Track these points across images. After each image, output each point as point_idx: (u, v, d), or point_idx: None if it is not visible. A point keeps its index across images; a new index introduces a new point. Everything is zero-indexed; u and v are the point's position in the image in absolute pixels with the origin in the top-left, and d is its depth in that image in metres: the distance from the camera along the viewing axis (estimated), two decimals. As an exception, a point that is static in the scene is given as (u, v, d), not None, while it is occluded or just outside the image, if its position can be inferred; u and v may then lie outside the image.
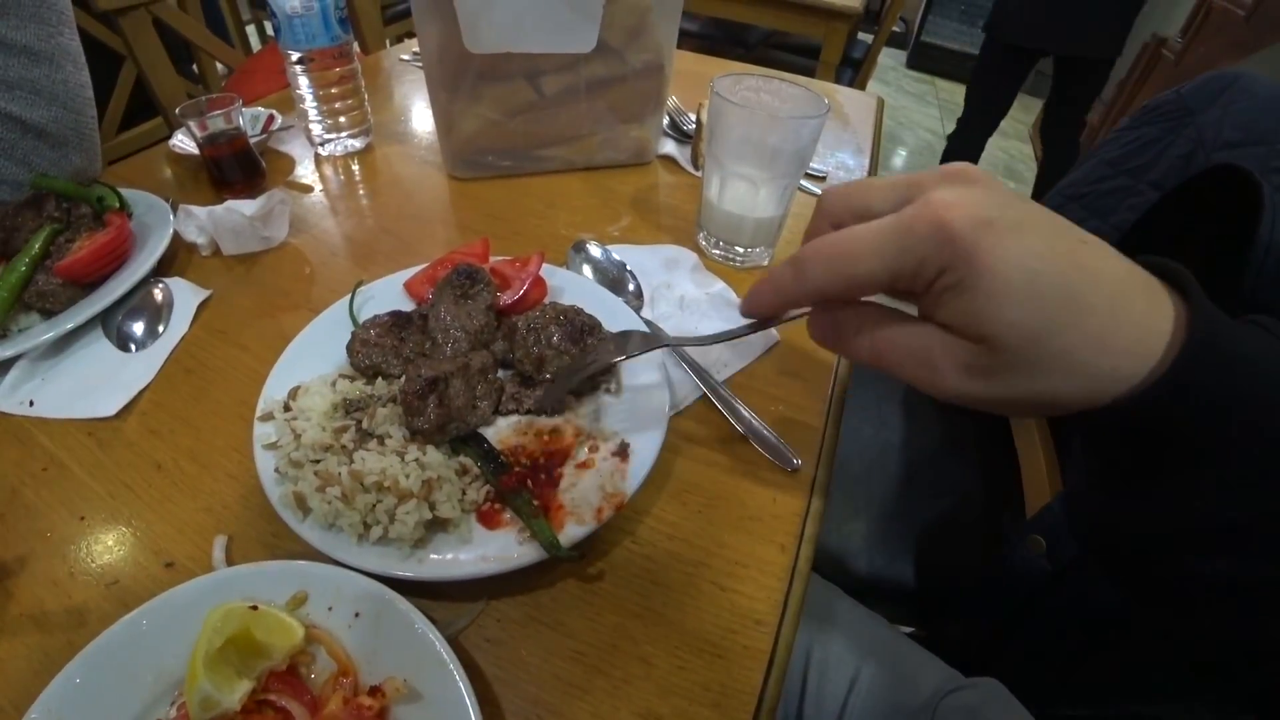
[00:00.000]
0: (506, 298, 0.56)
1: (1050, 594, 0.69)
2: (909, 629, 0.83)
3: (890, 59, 4.70)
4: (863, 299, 0.34)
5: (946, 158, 2.64)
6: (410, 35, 1.75)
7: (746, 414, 0.53)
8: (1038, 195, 2.55)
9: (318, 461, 0.43)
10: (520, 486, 0.44)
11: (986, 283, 0.27)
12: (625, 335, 0.50)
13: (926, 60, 4.55)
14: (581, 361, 0.49)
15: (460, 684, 0.34)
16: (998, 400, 0.30)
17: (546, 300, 0.58)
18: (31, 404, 0.53)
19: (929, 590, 0.82)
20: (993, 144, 2.70)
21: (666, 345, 0.47)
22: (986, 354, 0.28)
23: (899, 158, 3.53)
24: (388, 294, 0.59)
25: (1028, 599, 0.72)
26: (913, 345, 0.31)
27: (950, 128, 2.62)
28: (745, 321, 0.39)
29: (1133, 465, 0.33)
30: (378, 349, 0.51)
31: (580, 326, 0.51)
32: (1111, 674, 0.68)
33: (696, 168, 0.87)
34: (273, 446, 0.45)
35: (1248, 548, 0.30)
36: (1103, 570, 0.64)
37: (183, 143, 0.83)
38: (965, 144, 2.56)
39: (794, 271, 0.33)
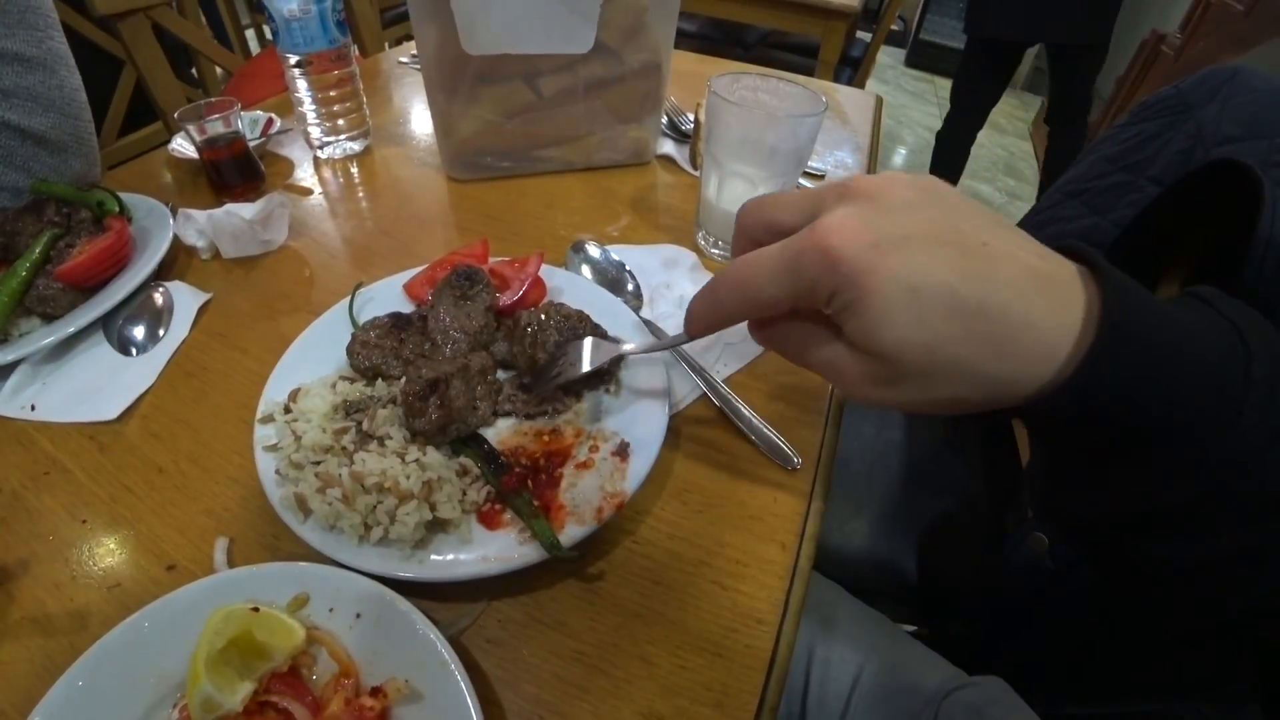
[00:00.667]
0: (506, 298, 0.56)
1: (1053, 592, 0.69)
2: (911, 628, 0.82)
3: (889, 57, 4.69)
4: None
5: (936, 156, 2.65)
6: (408, 38, 1.75)
7: (747, 413, 0.53)
8: (1045, 185, 2.57)
9: (318, 463, 0.43)
10: (520, 487, 0.44)
11: (871, 303, 0.28)
12: (582, 345, 0.50)
13: (925, 58, 4.55)
14: (548, 373, 0.49)
15: (462, 684, 0.34)
16: (908, 405, 0.31)
17: (545, 301, 0.58)
18: (33, 408, 0.53)
19: (931, 588, 0.82)
20: (993, 142, 2.70)
21: (623, 355, 0.49)
22: (885, 366, 0.29)
23: (899, 156, 3.53)
24: (387, 296, 0.59)
25: (1030, 597, 0.71)
26: (824, 358, 0.33)
27: (949, 125, 2.62)
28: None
29: (1066, 453, 0.33)
30: (378, 350, 0.51)
31: (573, 330, 0.50)
32: (1115, 672, 0.67)
33: (695, 167, 0.87)
34: (273, 448, 0.45)
35: (1191, 529, 0.30)
36: (1071, 551, 0.64)
37: (182, 147, 0.83)
38: (954, 141, 2.56)
39: (710, 297, 0.35)
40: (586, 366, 0.48)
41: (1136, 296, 0.28)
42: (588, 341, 0.50)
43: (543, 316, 0.51)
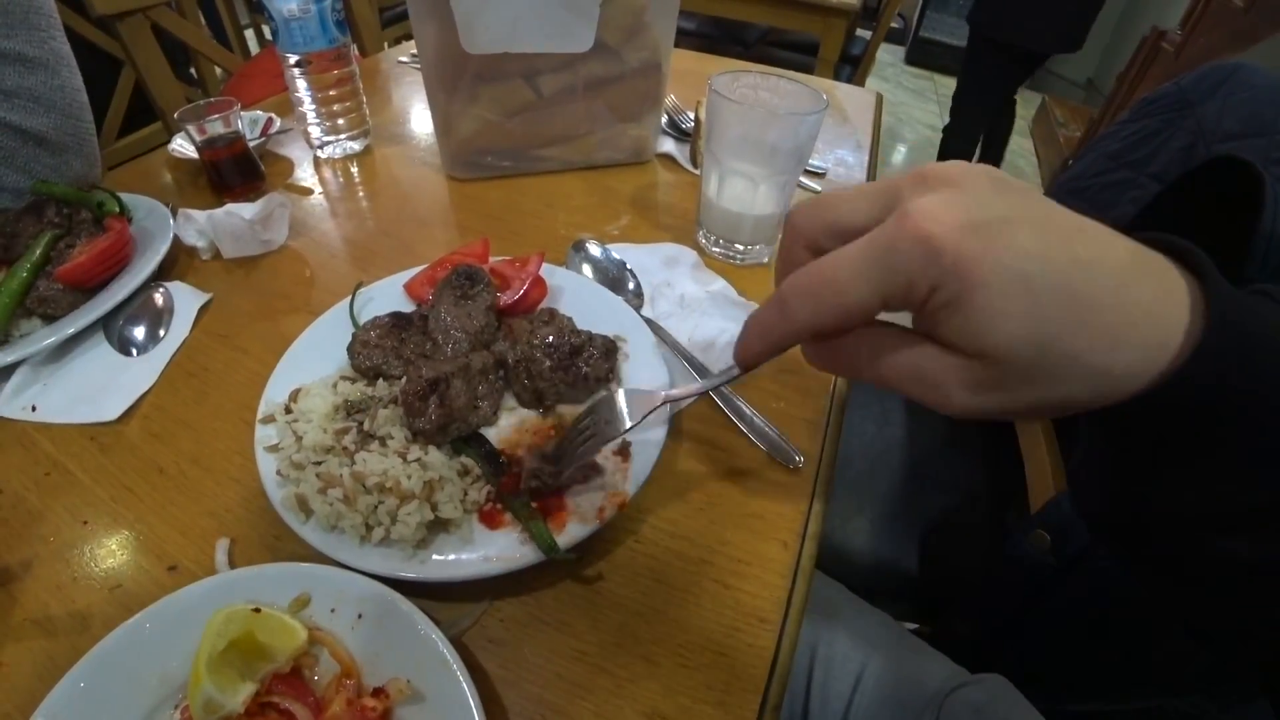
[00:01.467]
0: (506, 298, 0.56)
1: (1055, 590, 0.69)
2: (913, 626, 0.82)
3: (889, 55, 4.68)
4: None
5: (944, 150, 2.67)
6: (408, 37, 1.75)
7: (748, 411, 0.53)
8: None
9: (319, 463, 0.43)
10: (518, 488, 0.44)
11: (981, 297, 0.25)
12: (615, 400, 0.43)
13: (925, 56, 4.54)
14: (576, 440, 0.43)
15: (464, 684, 0.34)
16: (1009, 411, 0.28)
17: (545, 301, 0.58)
18: (34, 409, 0.53)
19: (933, 587, 0.82)
20: (993, 138, 2.72)
21: (663, 404, 0.42)
22: (991, 368, 0.26)
23: (898, 154, 3.52)
24: (388, 295, 0.59)
25: (1032, 595, 0.71)
26: (914, 367, 0.29)
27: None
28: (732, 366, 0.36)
29: (1148, 453, 0.31)
30: (378, 350, 0.51)
31: (569, 350, 0.49)
32: (1117, 670, 0.67)
33: (695, 166, 0.86)
34: (274, 449, 0.45)
35: (1269, 527, 0.28)
36: (1107, 551, 0.63)
37: (182, 147, 0.83)
38: (960, 137, 2.60)
39: (779, 312, 0.30)
40: (627, 425, 0.41)
41: (1231, 288, 0.26)
42: (621, 395, 0.43)
43: (531, 343, 0.49)
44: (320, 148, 0.87)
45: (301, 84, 0.80)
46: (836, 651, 0.63)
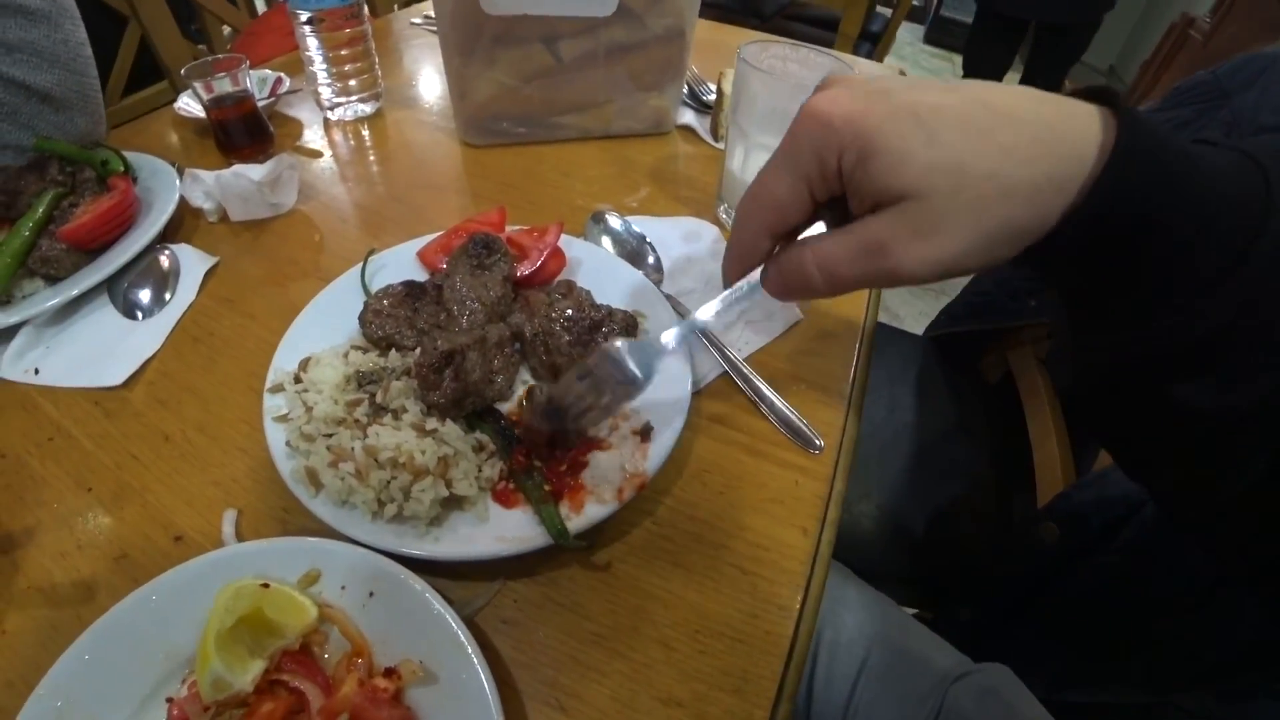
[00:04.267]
0: (524, 269, 0.54)
1: (1061, 581, 0.69)
2: (914, 611, 0.82)
3: (908, 34, 4.59)
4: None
5: None
6: (420, -1, 1.70)
7: (768, 393, 0.52)
8: None
9: (330, 435, 0.42)
10: (530, 466, 0.42)
11: (882, 142, 0.28)
12: (614, 352, 0.42)
13: (945, 35, 4.45)
14: (599, 401, 0.42)
15: (477, 666, 0.33)
16: (961, 254, 0.29)
17: (563, 273, 0.56)
18: (37, 372, 0.52)
19: (939, 573, 0.81)
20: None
21: (691, 328, 0.42)
22: (921, 206, 0.28)
23: (914, 135, 3.47)
24: (400, 263, 0.57)
25: (1037, 585, 0.71)
26: (856, 242, 0.31)
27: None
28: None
29: (1094, 294, 0.32)
30: (391, 320, 0.49)
31: (588, 324, 0.48)
32: (1120, 663, 0.67)
33: (717, 139, 0.84)
34: (283, 419, 0.44)
35: (1218, 369, 0.29)
36: (1116, 545, 0.63)
37: (188, 105, 0.81)
38: None
39: (734, 230, 0.36)
40: (638, 393, 0.41)
41: (1143, 114, 0.28)
42: (622, 346, 0.41)
43: (549, 316, 0.48)
44: (331, 109, 0.84)
45: (312, 42, 0.78)
46: (842, 636, 0.62)
